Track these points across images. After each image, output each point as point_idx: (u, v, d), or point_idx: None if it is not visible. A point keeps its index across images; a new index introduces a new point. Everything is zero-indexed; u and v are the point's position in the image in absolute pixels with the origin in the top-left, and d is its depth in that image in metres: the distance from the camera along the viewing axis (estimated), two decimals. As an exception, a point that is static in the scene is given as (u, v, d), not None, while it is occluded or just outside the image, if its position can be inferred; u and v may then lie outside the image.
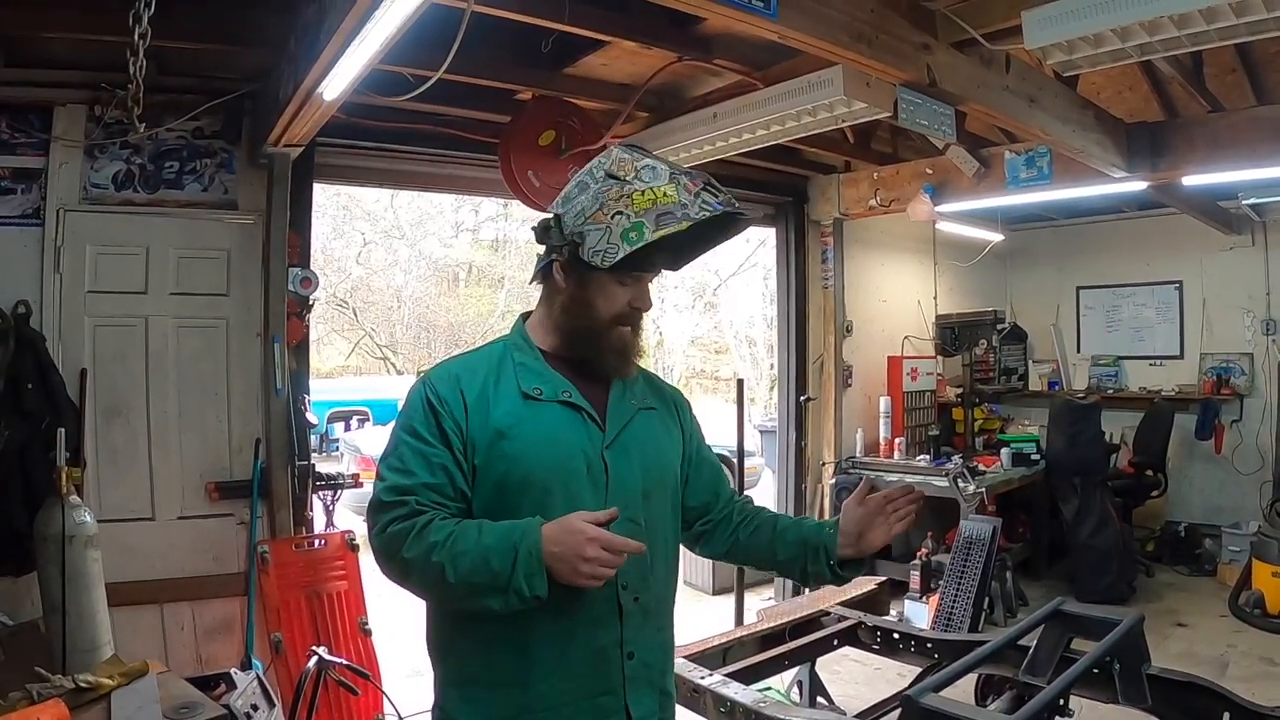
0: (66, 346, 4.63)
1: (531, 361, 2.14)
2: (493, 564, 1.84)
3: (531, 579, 1.83)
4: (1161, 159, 6.08)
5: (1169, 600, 7.87)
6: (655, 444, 2.18)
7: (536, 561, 1.83)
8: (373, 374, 23.27)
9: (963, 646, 4.17)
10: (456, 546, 1.87)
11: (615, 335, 2.12)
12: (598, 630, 2.05)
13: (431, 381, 2.08)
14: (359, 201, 21.83)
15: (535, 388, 2.09)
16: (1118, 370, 10.15)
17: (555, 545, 1.85)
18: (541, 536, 1.86)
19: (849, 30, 3.71)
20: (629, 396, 2.22)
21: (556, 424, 2.07)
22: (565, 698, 2.02)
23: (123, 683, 3.24)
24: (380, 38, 3.26)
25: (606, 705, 2.06)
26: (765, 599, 7.90)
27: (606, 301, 2.09)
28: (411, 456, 2.00)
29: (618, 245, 1.97)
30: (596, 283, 2.08)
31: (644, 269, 2.11)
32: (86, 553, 3.88)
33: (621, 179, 2.03)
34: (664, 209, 1.98)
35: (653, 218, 1.97)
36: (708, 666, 4.22)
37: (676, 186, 2.01)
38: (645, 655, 2.12)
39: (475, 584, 1.85)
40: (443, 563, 1.85)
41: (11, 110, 4.57)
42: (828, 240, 8.21)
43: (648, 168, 2.04)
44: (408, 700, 4.53)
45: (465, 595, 1.88)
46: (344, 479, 5.45)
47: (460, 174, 6.16)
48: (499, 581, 1.83)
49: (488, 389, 2.07)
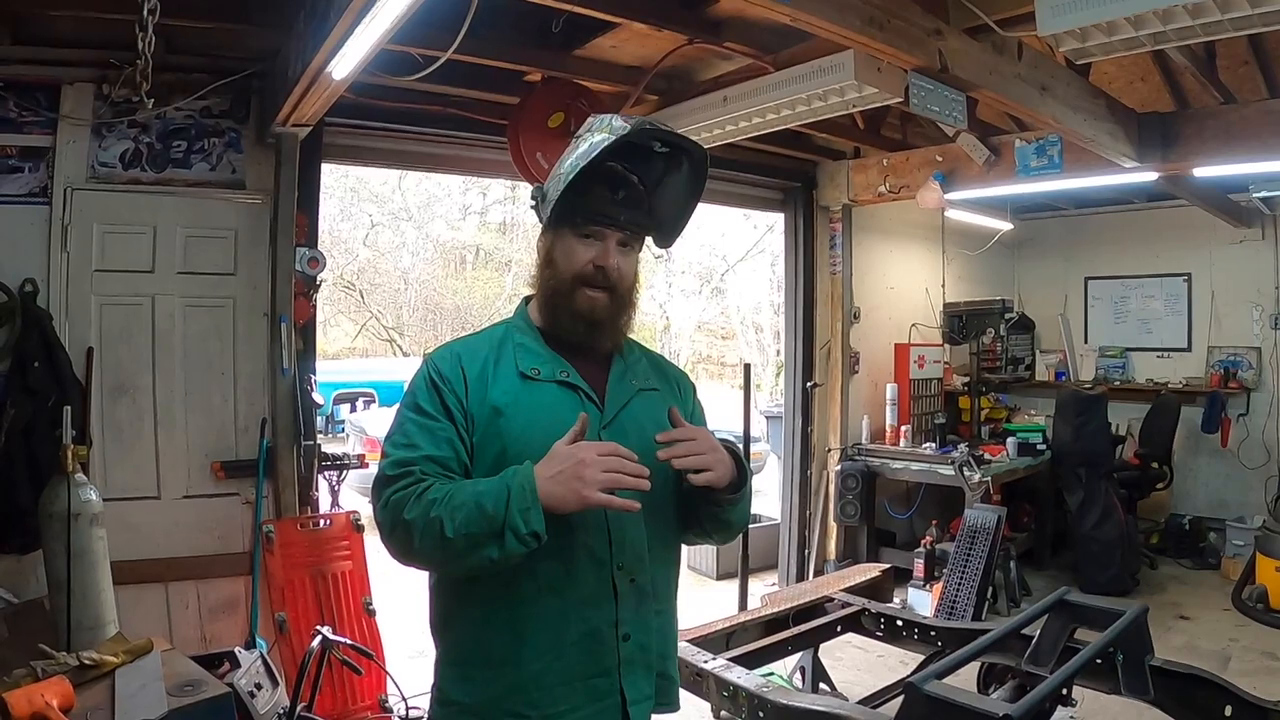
0: (73, 325, 4.63)
1: (530, 342, 2.15)
2: (487, 508, 1.83)
3: (527, 513, 1.82)
4: (1173, 150, 6.05)
5: (1172, 593, 7.86)
6: (655, 425, 2.09)
7: (531, 494, 1.83)
8: (379, 356, 23.28)
9: (966, 635, 4.18)
10: (454, 500, 1.86)
11: (581, 297, 2.11)
12: (592, 611, 2.03)
13: (434, 360, 2.11)
14: (366, 183, 21.86)
15: (533, 368, 2.10)
16: (1125, 362, 10.12)
17: (549, 473, 1.85)
18: (533, 471, 1.86)
19: (861, 14, 3.69)
20: (630, 377, 2.22)
21: (553, 404, 2.07)
22: (558, 678, 2.00)
23: (127, 660, 3.25)
24: (391, 16, 3.25)
25: (600, 686, 2.04)
26: (769, 584, 7.92)
27: (567, 258, 2.11)
28: (416, 431, 2.02)
29: (558, 190, 2.03)
30: (560, 241, 2.13)
31: (597, 221, 2.10)
32: (92, 531, 3.89)
33: (579, 135, 2.10)
34: (594, 148, 2.01)
35: (584, 158, 2.01)
36: (711, 651, 4.23)
37: (610, 129, 2.04)
38: (641, 638, 2.10)
39: (472, 534, 1.83)
40: (441, 517, 1.84)
41: (19, 88, 4.56)
42: (836, 226, 8.18)
43: (601, 122, 2.08)
44: (411, 680, 4.56)
45: (465, 550, 1.85)
46: (350, 459, 5.47)
47: (468, 155, 6.15)
48: (494, 525, 1.82)
49: (487, 368, 2.08)
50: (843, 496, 7.88)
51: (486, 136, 5.84)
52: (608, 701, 2.05)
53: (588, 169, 2.00)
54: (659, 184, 2.22)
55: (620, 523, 2.03)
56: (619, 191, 2.10)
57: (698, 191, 2.25)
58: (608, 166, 2.06)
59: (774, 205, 8.37)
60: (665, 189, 2.24)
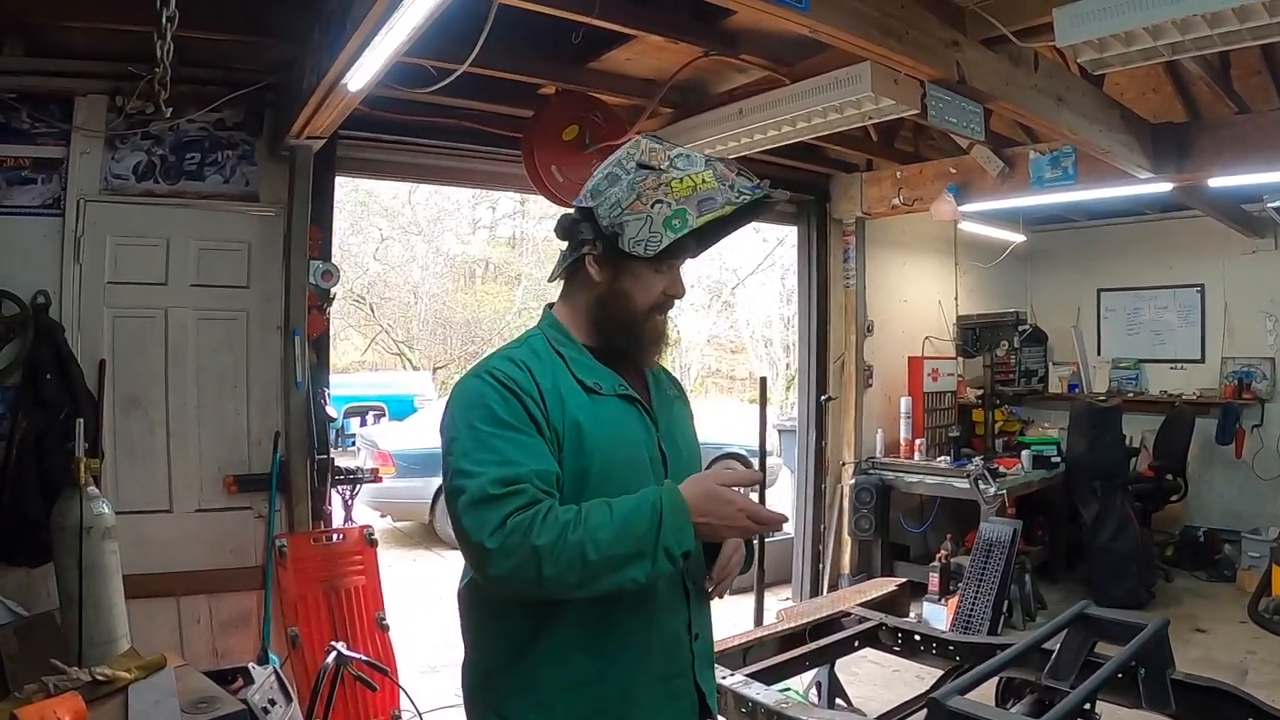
0: (85, 337, 4.63)
1: (580, 355, 2.11)
2: (636, 529, 1.80)
3: (681, 532, 1.82)
4: (1187, 160, 6.04)
5: (1188, 606, 7.80)
6: (688, 431, 2.25)
7: (684, 514, 1.84)
8: (389, 369, 23.32)
9: (984, 649, 4.14)
10: (591, 521, 1.80)
11: (654, 324, 2.14)
12: (670, 616, 2.07)
13: (501, 370, 1.99)
14: (376, 197, 21.94)
15: (595, 382, 2.07)
16: (1138, 373, 10.08)
17: (712, 506, 1.88)
18: (682, 493, 1.87)
19: (880, 25, 3.67)
20: (662, 386, 2.26)
21: (623, 418, 2.08)
22: (643, 686, 2.03)
23: (140, 676, 3.23)
24: (407, 28, 3.25)
25: (678, 688, 2.11)
26: (784, 599, 7.88)
27: (644, 291, 2.09)
28: (506, 446, 1.88)
29: (661, 233, 1.97)
30: (632, 273, 2.07)
31: (678, 256, 2.11)
32: (104, 544, 3.87)
33: (657, 168, 2.04)
34: (705, 195, 1.99)
35: (695, 204, 1.98)
36: (728, 666, 4.20)
37: (714, 173, 2.03)
38: (706, 635, 2.20)
39: (618, 555, 1.79)
40: (582, 540, 1.77)
41: (32, 100, 4.57)
42: (849, 239, 8.16)
43: (681, 156, 2.06)
44: (425, 696, 4.53)
45: (606, 572, 1.79)
46: (363, 473, 5.45)
47: (482, 168, 6.15)
48: (645, 546, 1.80)
49: (558, 381, 2.03)
50: (857, 510, 7.85)
51: (501, 149, 5.83)
52: (684, 701, 2.13)
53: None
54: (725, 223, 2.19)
55: None
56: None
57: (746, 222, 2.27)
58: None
59: (787, 219, 8.36)
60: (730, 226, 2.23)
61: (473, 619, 2.11)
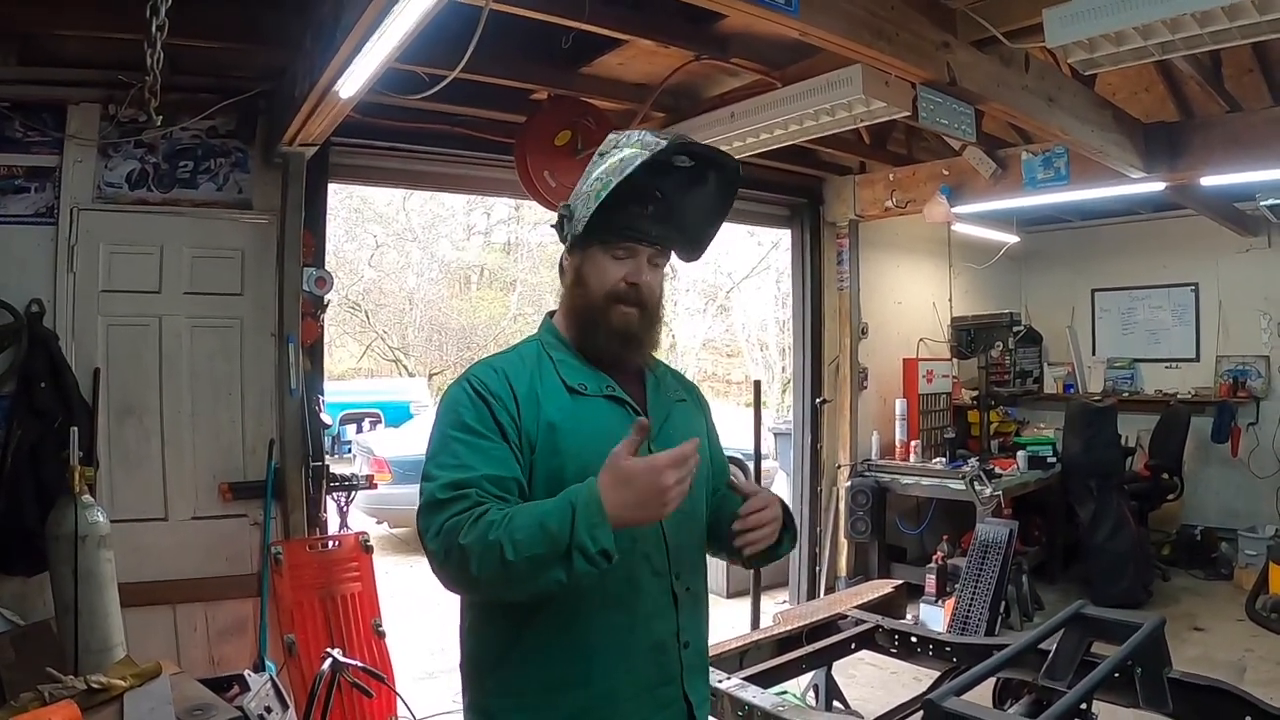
0: (80, 346, 4.63)
1: (569, 358, 2.11)
2: (550, 527, 1.71)
3: (595, 531, 1.70)
4: (1180, 159, 6.05)
5: (1185, 604, 7.81)
6: (692, 435, 2.07)
7: (598, 511, 1.71)
8: (385, 376, 23.29)
9: (981, 650, 4.14)
10: (514, 522, 1.74)
11: (615, 314, 2.09)
12: (657, 622, 2.04)
13: (477, 377, 2.02)
14: (371, 204, 21.90)
15: (580, 383, 2.07)
16: (1133, 373, 10.09)
17: (625, 492, 1.74)
18: (597, 486, 1.75)
19: (870, 28, 3.69)
20: (664, 389, 2.23)
21: (606, 418, 2.04)
22: (627, 693, 2.00)
23: (135, 684, 3.23)
24: (398, 35, 3.25)
25: (666, 695, 2.06)
26: (780, 602, 7.87)
27: (599, 275, 2.09)
28: (466, 451, 1.90)
29: (590, 206, 2.00)
30: (590, 259, 2.10)
31: (628, 238, 2.08)
32: (99, 553, 3.87)
33: (603, 152, 2.09)
34: (628, 162, 1.98)
35: (617, 172, 1.98)
36: (725, 669, 4.19)
37: (642, 144, 2.02)
38: (698, 643, 2.15)
39: (536, 556, 1.70)
40: (500, 541, 1.71)
41: (25, 109, 4.56)
42: (843, 242, 8.18)
43: (628, 138, 2.07)
44: (421, 702, 4.52)
45: (528, 574, 1.72)
46: (358, 480, 5.44)
47: (475, 174, 6.15)
48: (559, 546, 1.69)
49: (535, 384, 2.03)
50: (853, 513, 7.86)
51: (493, 155, 5.83)
52: (673, 709, 2.08)
53: (621, 185, 1.96)
54: (683, 197, 2.17)
55: (675, 532, 2.05)
56: (649, 206, 2.08)
57: (727, 204, 2.22)
58: (639, 182, 2.00)
59: (780, 222, 8.37)
60: (690, 203, 2.18)
61: (466, 619, 2.12)
